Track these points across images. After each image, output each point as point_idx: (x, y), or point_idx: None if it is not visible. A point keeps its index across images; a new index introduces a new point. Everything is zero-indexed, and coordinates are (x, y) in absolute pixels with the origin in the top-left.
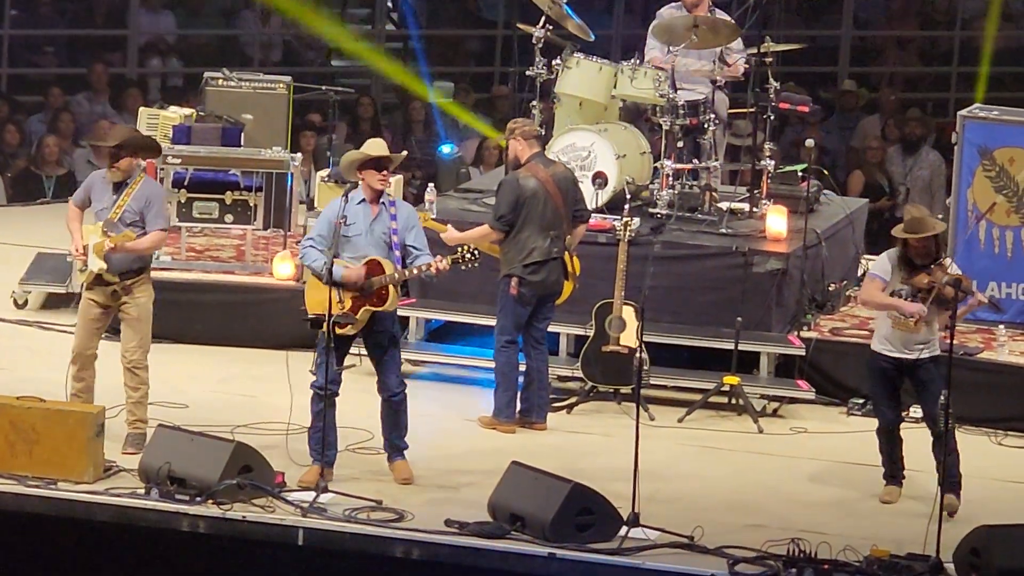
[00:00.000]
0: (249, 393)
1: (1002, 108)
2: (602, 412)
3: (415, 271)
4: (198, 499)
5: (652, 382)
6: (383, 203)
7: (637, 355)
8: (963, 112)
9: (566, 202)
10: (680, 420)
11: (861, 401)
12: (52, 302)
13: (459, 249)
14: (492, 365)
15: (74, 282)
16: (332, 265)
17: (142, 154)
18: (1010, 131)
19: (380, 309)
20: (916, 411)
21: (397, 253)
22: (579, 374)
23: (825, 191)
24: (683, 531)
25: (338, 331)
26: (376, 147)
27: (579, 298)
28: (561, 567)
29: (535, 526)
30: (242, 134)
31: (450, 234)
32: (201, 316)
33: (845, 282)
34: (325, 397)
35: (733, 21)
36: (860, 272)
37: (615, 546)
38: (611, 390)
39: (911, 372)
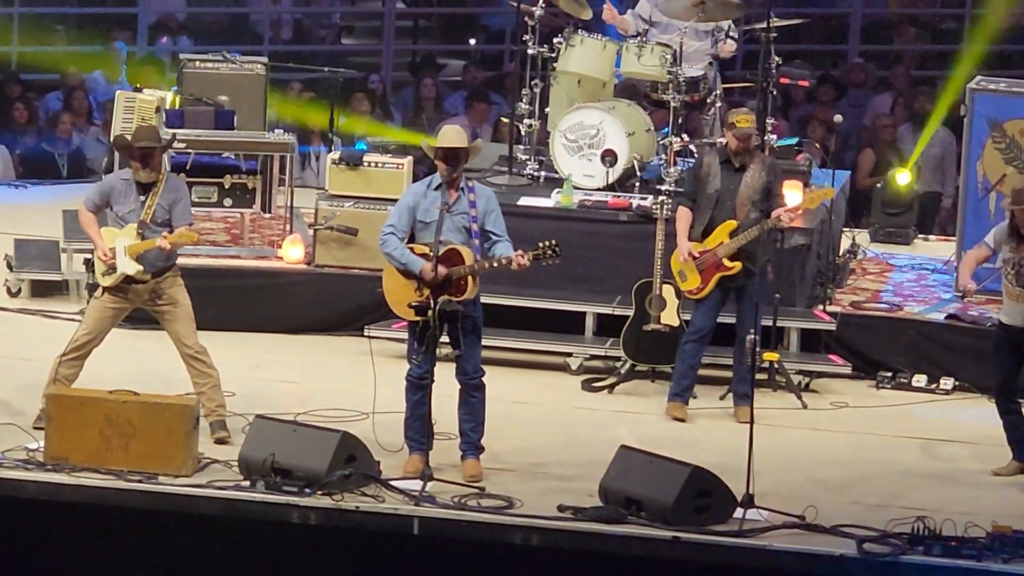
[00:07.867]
0: (289, 379)
1: (1010, 80)
2: (646, 392)
3: (495, 263)
4: (307, 490)
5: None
6: (462, 188)
7: (751, 336)
8: (972, 84)
9: None
10: (722, 398)
11: (889, 374)
12: (40, 289)
13: (540, 244)
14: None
15: (95, 280)
16: (438, 251)
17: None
18: (1020, 103)
19: (459, 299)
20: (946, 383)
21: (476, 241)
22: (610, 353)
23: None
24: (783, 509)
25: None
26: (442, 138)
27: (602, 277)
28: (685, 551)
29: (654, 510)
30: (235, 117)
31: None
32: (213, 302)
33: (849, 255)
34: (424, 386)
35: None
36: (845, 246)
37: (735, 528)
38: (649, 369)
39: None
